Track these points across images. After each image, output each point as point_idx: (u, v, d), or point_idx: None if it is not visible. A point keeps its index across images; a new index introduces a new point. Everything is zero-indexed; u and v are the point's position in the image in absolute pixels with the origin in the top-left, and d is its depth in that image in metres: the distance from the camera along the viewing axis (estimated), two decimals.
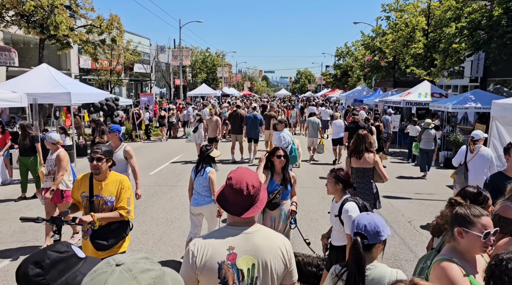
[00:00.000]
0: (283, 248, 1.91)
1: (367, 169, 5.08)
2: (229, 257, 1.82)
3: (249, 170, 1.99)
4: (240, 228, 1.89)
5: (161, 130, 18.07)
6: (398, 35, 21.90)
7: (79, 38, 16.17)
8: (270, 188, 4.36)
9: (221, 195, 1.97)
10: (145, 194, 8.48)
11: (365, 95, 28.56)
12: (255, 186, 1.90)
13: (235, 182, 1.89)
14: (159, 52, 36.90)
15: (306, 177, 10.62)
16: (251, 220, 1.93)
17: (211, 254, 1.82)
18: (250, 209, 1.90)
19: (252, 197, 1.89)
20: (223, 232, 1.90)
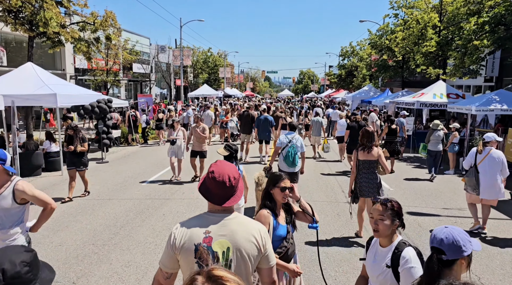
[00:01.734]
0: (257, 234, 2.05)
1: (372, 161, 5.79)
2: (205, 240, 1.98)
3: (228, 164, 2.13)
4: (218, 215, 2.06)
5: (158, 134, 17.02)
6: (408, 33, 20.78)
7: (71, 36, 15.12)
8: (276, 237, 2.96)
9: (203, 186, 2.12)
10: (133, 210, 7.42)
11: (372, 96, 27.44)
12: (236, 178, 2.08)
13: (218, 175, 2.05)
14: (159, 52, 35.88)
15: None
16: (231, 208, 2.10)
17: (189, 236, 2.00)
18: (231, 199, 2.07)
19: (233, 188, 2.07)
20: (202, 218, 2.08)
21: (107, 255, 5.37)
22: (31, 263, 1.48)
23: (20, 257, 1.47)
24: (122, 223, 6.69)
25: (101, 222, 6.74)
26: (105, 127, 13.07)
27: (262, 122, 12.38)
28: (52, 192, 8.85)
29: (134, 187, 9.40)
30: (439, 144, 10.38)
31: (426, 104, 15.59)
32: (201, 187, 2.12)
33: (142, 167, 11.81)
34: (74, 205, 7.79)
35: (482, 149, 6.24)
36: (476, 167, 6.23)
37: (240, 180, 2.14)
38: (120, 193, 8.78)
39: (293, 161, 6.95)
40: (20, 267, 1.44)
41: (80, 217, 7.03)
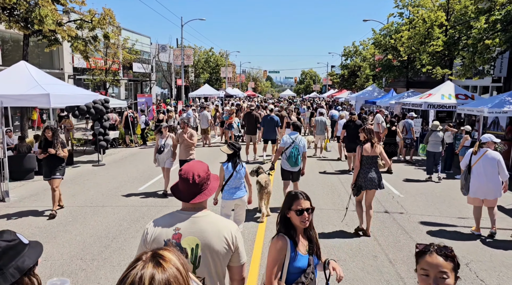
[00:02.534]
0: (228, 233, 2.07)
1: (374, 156, 6.29)
2: (175, 236, 2.04)
3: (200, 163, 2.20)
4: (189, 212, 2.11)
5: None
6: (414, 32, 20.26)
7: (68, 34, 14.66)
8: (293, 268, 2.44)
9: (175, 185, 2.20)
10: (127, 219, 6.94)
11: (376, 96, 26.94)
12: (200, 176, 2.11)
13: (183, 172, 2.12)
14: (160, 51, 35.41)
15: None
16: (200, 206, 2.15)
17: (159, 232, 2.06)
18: (197, 196, 2.10)
19: (197, 185, 2.09)
20: (173, 215, 2.13)
21: (96, 272, 4.89)
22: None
23: None
24: (115, 233, 6.21)
25: (92, 232, 6.26)
26: (101, 128, 12.60)
27: (268, 122, 12.38)
28: (43, 198, 8.38)
29: (130, 192, 8.92)
30: (438, 145, 10.29)
31: (434, 105, 15.07)
32: (173, 186, 2.19)
33: (139, 170, 11.34)
34: (65, 212, 7.32)
35: (477, 150, 6.25)
36: (470, 168, 6.26)
37: (210, 178, 2.17)
38: (114, 199, 8.30)
39: (296, 161, 7.05)
40: None
41: (70, 226, 6.55)
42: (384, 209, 7.69)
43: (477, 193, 6.21)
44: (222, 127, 17.12)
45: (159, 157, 8.58)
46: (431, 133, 10.42)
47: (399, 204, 8.07)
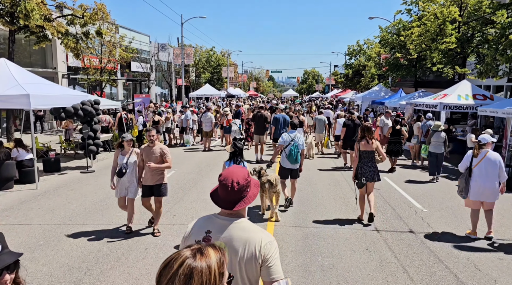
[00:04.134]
0: (257, 244, 1.97)
1: (371, 151, 6.81)
2: (205, 239, 2.04)
3: (240, 168, 2.13)
4: (223, 217, 2.07)
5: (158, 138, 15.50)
6: (425, 29, 19.17)
7: (57, 30, 13.67)
8: None
9: (215, 190, 2.15)
10: (108, 243, 5.90)
11: (383, 96, 25.90)
12: (240, 183, 2.03)
13: (223, 178, 2.07)
14: (160, 50, 34.41)
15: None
16: (237, 213, 2.08)
17: (193, 232, 2.10)
18: (236, 204, 2.03)
19: (237, 192, 2.03)
20: (209, 218, 2.12)
21: None
22: None
23: None
24: (90, 263, 5.18)
25: (64, 261, 5.23)
26: (91, 132, 11.60)
27: (280, 122, 12.31)
28: (17, 213, 7.36)
29: (117, 206, 7.89)
30: (441, 146, 10.17)
31: (450, 106, 14.01)
32: (213, 191, 2.16)
33: None
34: (38, 233, 6.29)
35: (478, 152, 6.15)
36: (471, 170, 6.14)
37: (250, 185, 2.11)
38: (98, 215, 7.28)
39: (296, 158, 7.30)
40: None
41: (39, 252, 5.52)
42: (409, 228, 6.64)
43: (479, 195, 6.07)
44: (222, 129, 16.10)
45: (119, 182, 6.17)
46: (433, 134, 10.22)
47: (425, 221, 7.02)
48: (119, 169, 6.17)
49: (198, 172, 11.20)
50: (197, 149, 15.75)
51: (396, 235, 6.31)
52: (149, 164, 5.88)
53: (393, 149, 11.60)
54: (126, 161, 6.21)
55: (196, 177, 10.47)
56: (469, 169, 6.18)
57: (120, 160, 6.24)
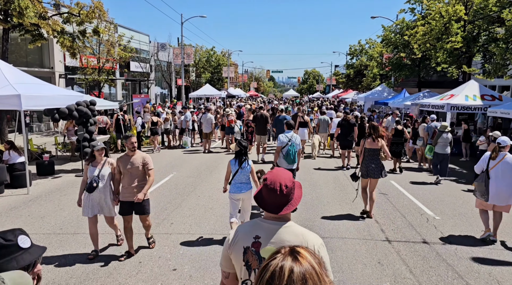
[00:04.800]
0: (311, 245, 1.94)
1: (376, 149, 7.13)
2: (254, 245, 1.99)
3: (284, 171, 2.08)
4: (272, 222, 2.02)
5: (152, 140, 15.10)
6: (430, 27, 18.73)
7: (52, 28, 13.26)
8: None
9: (259, 194, 2.08)
10: (82, 268, 5.47)
11: (386, 96, 25.46)
12: (288, 186, 1.98)
13: (270, 182, 1.99)
14: (159, 49, 33.98)
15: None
16: (285, 216, 2.03)
17: (240, 238, 2.03)
18: (284, 208, 1.99)
19: (285, 196, 1.98)
20: (255, 223, 2.07)
21: None
22: None
23: None
24: (79, 279, 4.75)
25: (50, 277, 4.80)
26: (87, 133, 11.18)
27: (280, 123, 12.01)
28: (4, 220, 6.95)
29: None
30: (446, 147, 10.02)
31: (457, 107, 13.59)
32: (257, 194, 2.11)
33: None
34: None
35: (497, 154, 6.01)
36: (488, 172, 6.02)
37: (296, 188, 2.08)
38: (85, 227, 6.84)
39: (294, 159, 7.38)
40: None
41: None
42: (422, 238, 6.21)
43: (493, 198, 5.94)
44: (223, 131, 15.69)
45: (90, 198, 5.22)
46: (440, 135, 10.10)
47: (438, 230, 6.59)
48: (89, 183, 5.18)
49: (198, 175, 10.78)
50: (196, 150, 15.33)
51: (409, 246, 5.88)
52: (137, 198, 5.08)
53: (395, 150, 11.47)
54: (98, 173, 5.22)
55: (196, 181, 10.05)
56: (486, 171, 6.04)
57: (91, 172, 5.23)
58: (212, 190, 9.07)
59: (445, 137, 10.04)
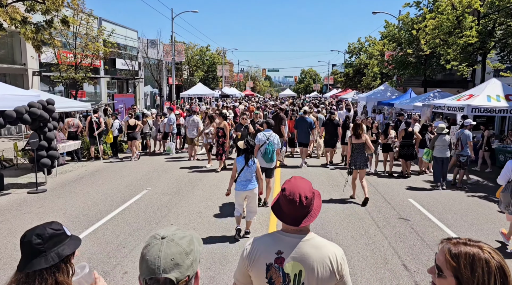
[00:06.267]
0: (333, 257, 1.91)
1: (361, 144, 8.08)
2: (277, 261, 1.91)
3: (303, 180, 1.99)
4: (292, 235, 1.94)
5: (130, 146, 13.24)
6: (442, 20, 16.98)
7: (11, 17, 11.36)
8: None
9: (276, 204, 2.00)
10: None
11: (389, 96, 23.77)
12: (308, 197, 1.91)
13: (289, 193, 1.91)
14: (149, 46, 32.03)
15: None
16: (305, 228, 1.96)
17: (261, 254, 1.93)
18: (304, 219, 1.92)
19: (305, 207, 1.91)
20: (275, 237, 1.98)
21: None
22: (44, 237, 1.71)
23: (38, 230, 1.73)
24: None
25: None
26: (44, 140, 9.31)
27: (301, 124, 12.00)
28: None
29: None
30: (446, 150, 9.53)
31: (480, 109, 11.84)
32: (274, 205, 2.02)
33: (92, 201, 8.05)
34: None
35: None
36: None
37: (316, 197, 1.99)
38: None
39: (271, 157, 7.53)
40: (33, 238, 1.69)
41: None
42: None
43: None
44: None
45: None
46: (437, 138, 9.59)
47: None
48: None
49: (177, 191, 8.95)
50: (181, 158, 13.49)
51: None
52: None
53: (406, 152, 10.82)
54: None
55: (172, 200, 8.21)
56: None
57: None
58: (191, 215, 7.25)
59: (443, 139, 9.49)
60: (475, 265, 1.23)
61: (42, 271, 1.68)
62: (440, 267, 1.31)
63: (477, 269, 1.22)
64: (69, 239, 1.82)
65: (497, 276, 1.21)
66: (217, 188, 9.18)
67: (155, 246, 1.26)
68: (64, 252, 1.76)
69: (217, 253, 5.53)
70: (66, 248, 1.78)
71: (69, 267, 1.79)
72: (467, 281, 1.23)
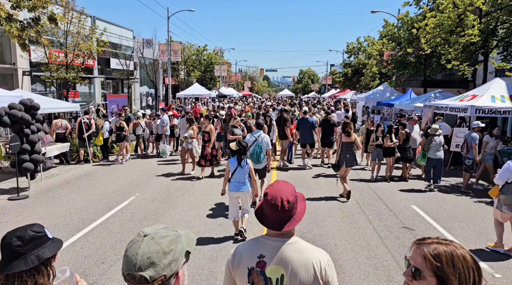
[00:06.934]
0: (317, 262, 1.87)
1: (351, 142, 8.36)
2: (259, 265, 1.89)
3: (285, 184, 1.97)
4: (275, 239, 1.92)
5: (121, 147, 12.73)
6: (442, 19, 16.55)
7: None
8: None
9: (259, 209, 1.98)
10: None
11: (389, 97, 23.38)
12: (290, 201, 1.88)
13: (271, 197, 1.89)
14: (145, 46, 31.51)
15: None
16: (289, 232, 1.94)
17: (243, 259, 1.92)
18: (287, 224, 1.89)
19: (287, 211, 1.88)
20: (258, 241, 1.96)
21: None
22: (25, 240, 1.71)
23: (19, 232, 1.74)
24: None
25: None
26: (27, 143, 8.81)
27: (303, 125, 11.93)
28: None
29: None
30: (439, 151, 9.38)
31: (484, 110, 11.38)
32: (257, 210, 1.99)
33: (74, 209, 7.55)
34: None
35: None
36: None
37: (299, 201, 1.98)
38: None
39: (258, 158, 7.57)
40: (13, 239, 1.70)
41: None
42: None
43: None
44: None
45: None
46: (431, 139, 9.43)
47: None
48: None
49: (166, 198, 8.45)
50: (174, 161, 13.00)
51: None
52: None
53: (403, 155, 10.46)
54: None
55: (160, 208, 7.72)
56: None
57: None
58: (179, 224, 6.76)
59: (437, 140, 9.35)
60: (455, 261, 1.31)
61: (21, 273, 1.70)
62: (419, 269, 1.34)
63: (458, 265, 1.30)
64: (50, 242, 1.83)
65: (474, 269, 1.30)
66: (210, 194, 8.70)
67: (136, 243, 1.27)
68: (44, 254, 1.77)
69: (205, 269, 5.04)
70: (47, 250, 1.79)
71: (50, 270, 1.81)
72: (450, 278, 1.29)
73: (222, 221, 6.90)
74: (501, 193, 5.69)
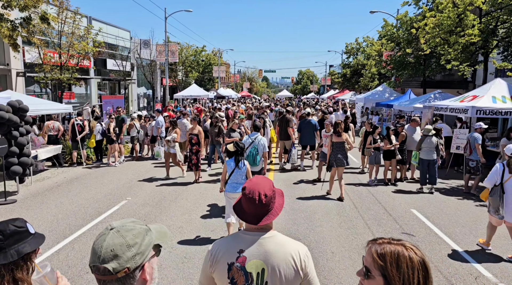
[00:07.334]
0: (296, 255, 1.89)
1: (341, 142, 8.44)
2: (239, 260, 1.87)
3: (264, 179, 1.97)
4: (254, 233, 1.92)
5: (111, 150, 12.46)
6: (442, 19, 16.33)
7: None
8: None
9: (238, 204, 1.98)
10: None
11: (388, 97, 23.15)
12: (267, 195, 1.89)
13: (248, 191, 1.90)
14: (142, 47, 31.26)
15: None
16: (266, 226, 1.93)
17: (223, 254, 1.90)
18: (264, 217, 1.89)
19: (264, 205, 1.89)
20: (237, 237, 1.95)
21: None
22: (6, 234, 1.73)
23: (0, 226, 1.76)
24: None
25: None
26: (15, 146, 8.55)
27: (305, 127, 11.77)
28: None
29: None
30: (432, 152, 9.21)
31: (484, 111, 11.13)
32: (236, 205, 1.99)
33: (62, 214, 7.29)
34: None
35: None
36: (502, 186, 5.49)
37: (277, 196, 1.97)
38: None
39: (254, 160, 7.45)
40: None
41: None
42: None
43: (507, 214, 5.45)
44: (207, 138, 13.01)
45: None
46: (423, 139, 9.29)
47: None
48: None
49: (158, 202, 8.20)
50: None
51: None
52: None
53: (402, 157, 10.23)
54: None
55: (152, 212, 7.46)
56: (500, 184, 5.51)
57: None
58: (170, 230, 6.48)
59: (429, 141, 9.20)
60: (400, 262, 1.29)
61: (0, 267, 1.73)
62: (368, 268, 1.34)
63: (402, 265, 1.29)
64: (32, 237, 1.84)
65: (420, 270, 1.29)
66: (203, 198, 8.44)
67: (102, 235, 1.28)
68: (24, 249, 1.79)
69: (194, 279, 4.78)
70: (27, 245, 1.81)
71: (29, 264, 1.82)
72: (394, 278, 1.28)
73: (215, 226, 6.64)
74: (490, 195, 5.67)
